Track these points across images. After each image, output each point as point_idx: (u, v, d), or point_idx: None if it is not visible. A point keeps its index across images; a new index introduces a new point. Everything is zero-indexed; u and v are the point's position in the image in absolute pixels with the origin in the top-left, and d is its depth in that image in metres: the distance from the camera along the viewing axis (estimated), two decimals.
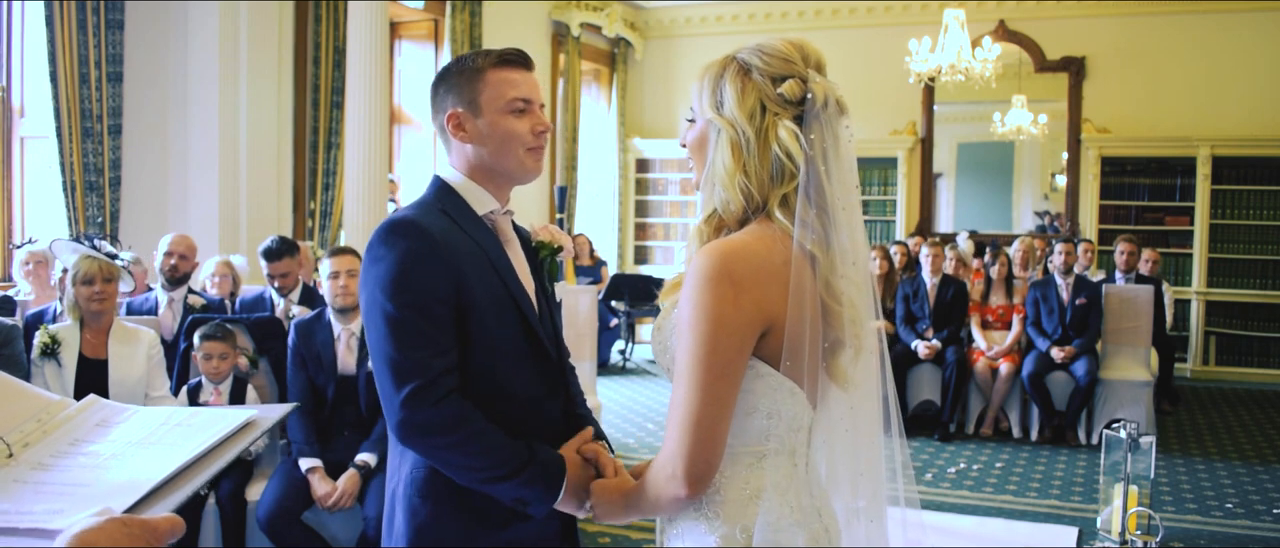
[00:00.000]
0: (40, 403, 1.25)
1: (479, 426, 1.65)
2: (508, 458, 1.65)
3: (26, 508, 1.06)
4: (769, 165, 1.49)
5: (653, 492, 1.51)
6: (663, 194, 11.14)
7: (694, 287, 1.44)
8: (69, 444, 1.18)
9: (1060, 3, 9.61)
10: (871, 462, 1.56)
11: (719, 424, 1.44)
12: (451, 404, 1.64)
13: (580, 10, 9.94)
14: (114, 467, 1.14)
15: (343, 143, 7.00)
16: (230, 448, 1.18)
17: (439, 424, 1.63)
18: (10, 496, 1.08)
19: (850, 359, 1.54)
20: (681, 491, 1.44)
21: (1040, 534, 4.33)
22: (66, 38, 5.68)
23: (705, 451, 1.43)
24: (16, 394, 1.26)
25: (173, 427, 1.22)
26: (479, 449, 1.64)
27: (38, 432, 1.19)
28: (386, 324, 1.66)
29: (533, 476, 1.65)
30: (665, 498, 1.48)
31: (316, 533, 3.69)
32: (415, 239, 1.67)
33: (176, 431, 1.21)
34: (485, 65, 1.79)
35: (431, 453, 1.67)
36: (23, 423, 1.19)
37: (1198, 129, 9.10)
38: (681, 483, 1.44)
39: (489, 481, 1.65)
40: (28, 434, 1.18)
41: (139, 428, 1.22)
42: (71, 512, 1.00)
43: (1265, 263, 9.10)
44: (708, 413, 1.42)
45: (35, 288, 5.06)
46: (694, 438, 1.42)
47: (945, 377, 6.69)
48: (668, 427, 1.46)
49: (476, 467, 1.65)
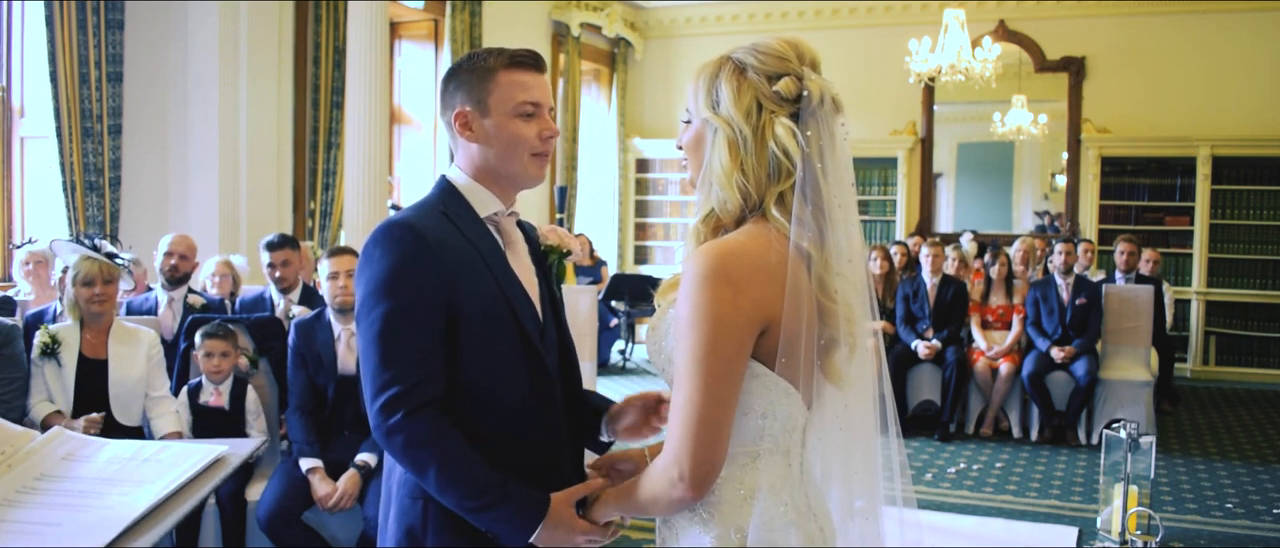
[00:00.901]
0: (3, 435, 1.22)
1: (455, 449, 1.62)
2: (479, 490, 1.61)
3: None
4: (766, 164, 1.49)
5: (651, 492, 1.50)
6: (663, 194, 11.14)
7: (692, 287, 1.43)
8: (35, 479, 1.16)
9: (1060, 3, 9.60)
10: (866, 460, 1.56)
11: (722, 426, 1.43)
12: (426, 417, 1.62)
13: (580, 10, 9.94)
14: (83, 505, 1.11)
15: (343, 143, 7.00)
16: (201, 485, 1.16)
17: (412, 436, 1.62)
18: None
19: (845, 358, 1.53)
20: (686, 493, 1.44)
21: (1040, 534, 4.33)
22: (66, 38, 5.69)
23: (709, 452, 1.42)
24: None
25: (141, 462, 1.20)
26: (451, 476, 1.61)
27: (2, 465, 1.16)
28: (372, 328, 1.65)
29: (503, 515, 1.62)
30: (666, 500, 1.48)
31: (316, 533, 3.69)
32: (409, 243, 1.66)
33: (145, 466, 1.19)
34: (497, 65, 1.77)
35: (404, 460, 1.65)
36: None
37: (1198, 129, 9.10)
38: (686, 486, 1.43)
39: (458, 506, 1.63)
40: None
41: (107, 463, 1.20)
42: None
43: (1265, 263, 9.10)
44: (710, 414, 1.41)
45: (35, 288, 5.06)
46: (697, 440, 1.41)
47: (945, 377, 6.69)
48: (670, 429, 1.45)
49: (446, 490, 1.62)
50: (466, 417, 1.67)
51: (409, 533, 1.71)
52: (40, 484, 1.15)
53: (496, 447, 1.69)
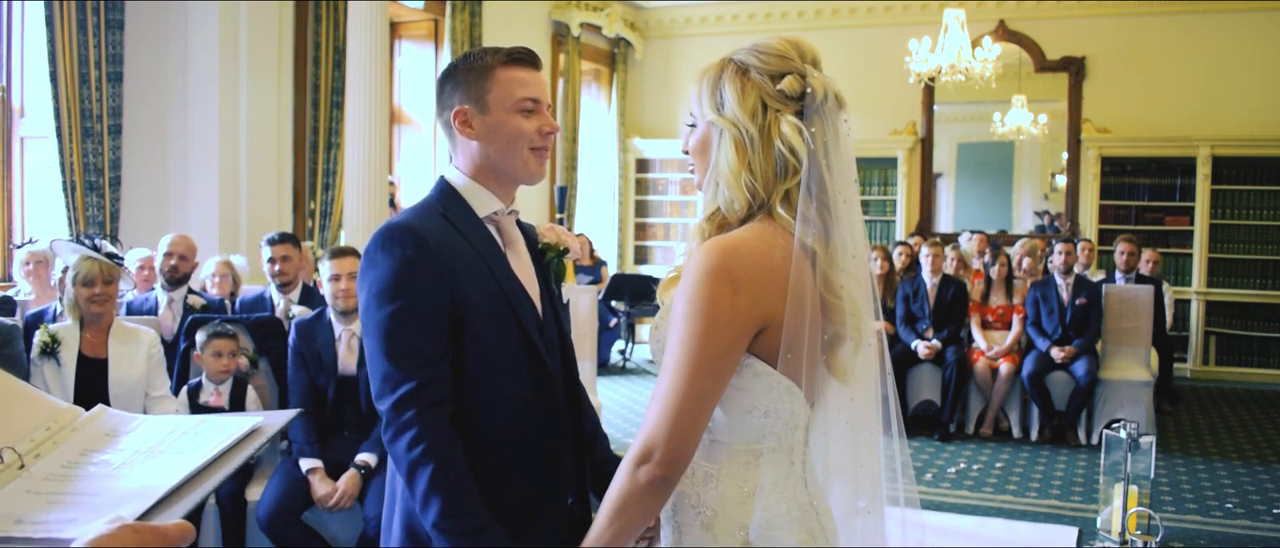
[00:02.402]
0: (49, 411, 1.26)
1: (455, 463, 1.62)
2: (461, 512, 1.60)
3: (41, 518, 1.08)
4: (773, 162, 1.50)
5: (620, 487, 1.46)
6: (663, 194, 11.14)
7: (692, 282, 1.44)
8: (79, 454, 1.20)
9: (1060, 3, 9.61)
10: (870, 456, 1.56)
11: (700, 418, 1.44)
12: (438, 419, 1.63)
13: (580, 10, 9.94)
14: (124, 475, 1.16)
15: (343, 143, 7.00)
16: (237, 455, 1.20)
17: (420, 435, 1.61)
18: (25, 506, 1.10)
19: (850, 353, 1.54)
20: (656, 470, 1.41)
21: (1040, 534, 4.34)
22: (66, 38, 5.69)
23: (683, 439, 1.42)
24: (26, 401, 1.27)
25: (180, 435, 1.24)
26: (441, 486, 1.60)
27: (49, 442, 1.21)
28: (378, 332, 1.66)
29: (471, 545, 1.61)
30: (638, 488, 1.43)
31: (316, 533, 3.69)
32: (410, 247, 1.66)
33: (183, 439, 1.23)
34: (495, 63, 1.78)
35: (403, 459, 1.63)
36: (33, 432, 1.21)
37: (1198, 129, 9.10)
38: (656, 464, 1.41)
39: (434, 518, 1.61)
40: (38, 444, 1.20)
41: (147, 437, 1.24)
42: (85, 521, 1.02)
43: (1265, 263, 9.10)
44: (690, 407, 1.42)
45: (35, 288, 5.06)
46: (674, 426, 1.41)
47: (945, 377, 6.69)
48: (648, 414, 1.44)
49: (430, 498, 1.61)
50: (469, 415, 1.68)
51: (412, 533, 1.71)
52: (84, 458, 1.20)
53: (499, 445, 1.69)
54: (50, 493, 1.12)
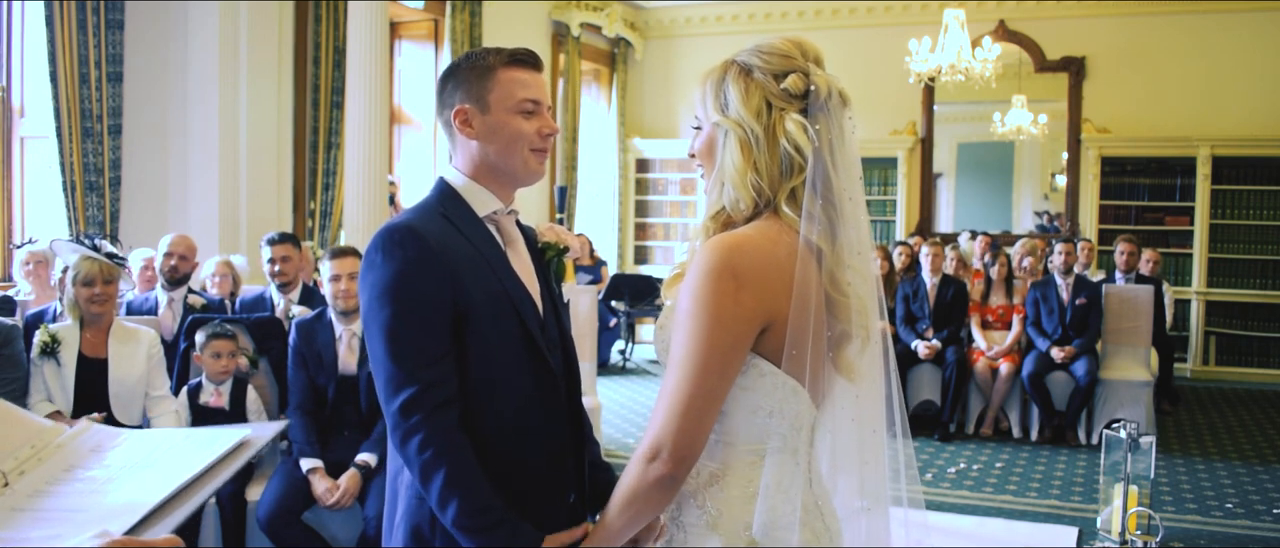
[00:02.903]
0: (34, 429, 1.25)
1: (466, 463, 1.62)
2: (478, 508, 1.60)
3: (24, 535, 1.07)
4: (779, 161, 1.50)
5: (628, 483, 1.48)
6: (663, 194, 11.13)
7: (696, 280, 1.44)
8: (64, 471, 1.19)
9: (1060, 3, 9.61)
10: (875, 453, 1.56)
11: (707, 416, 1.44)
12: (446, 421, 1.62)
13: (580, 10, 9.94)
14: (111, 490, 1.15)
15: (343, 143, 7.00)
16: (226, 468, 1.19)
17: (428, 438, 1.61)
18: (9, 524, 1.09)
19: (857, 351, 1.54)
20: (665, 469, 1.43)
21: (1040, 534, 4.34)
22: (66, 38, 5.68)
23: (691, 437, 1.44)
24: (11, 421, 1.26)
25: (167, 449, 1.23)
26: (456, 488, 1.60)
27: (33, 459, 1.20)
28: (381, 333, 1.65)
29: (495, 539, 1.61)
30: (646, 484, 1.46)
31: (316, 533, 3.69)
32: (411, 247, 1.66)
33: (171, 452, 1.22)
34: (496, 63, 1.78)
35: (414, 462, 1.63)
36: (17, 450, 1.20)
37: (1198, 129, 9.10)
38: (664, 461, 1.43)
39: (453, 518, 1.61)
40: (23, 462, 1.19)
41: (134, 452, 1.23)
42: (69, 536, 1.01)
43: (1265, 263, 9.10)
44: (697, 405, 1.43)
45: (35, 288, 5.06)
46: (682, 424, 1.42)
47: (945, 377, 6.69)
48: (655, 413, 1.46)
49: (448, 500, 1.61)
50: (473, 414, 1.68)
51: (416, 533, 1.71)
52: (69, 475, 1.19)
53: (502, 444, 1.69)
54: (35, 510, 1.11)
